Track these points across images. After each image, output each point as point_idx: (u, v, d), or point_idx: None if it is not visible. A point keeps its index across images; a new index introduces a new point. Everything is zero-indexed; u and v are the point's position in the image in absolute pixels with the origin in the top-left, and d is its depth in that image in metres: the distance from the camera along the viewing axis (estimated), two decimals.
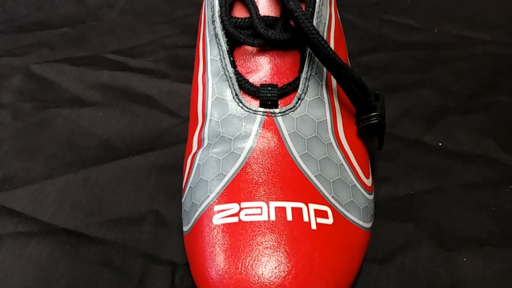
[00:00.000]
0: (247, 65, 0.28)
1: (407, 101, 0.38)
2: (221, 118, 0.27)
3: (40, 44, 0.44)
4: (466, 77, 0.41)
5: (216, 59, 0.28)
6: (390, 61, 0.42)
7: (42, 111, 0.38)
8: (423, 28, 0.46)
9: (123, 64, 0.42)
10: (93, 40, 0.45)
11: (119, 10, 0.48)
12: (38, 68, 0.41)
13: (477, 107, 0.38)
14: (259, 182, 0.24)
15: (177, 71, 0.41)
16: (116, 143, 0.35)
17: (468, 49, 0.44)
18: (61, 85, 0.40)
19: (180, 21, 0.46)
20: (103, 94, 0.39)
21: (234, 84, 0.27)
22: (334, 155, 0.27)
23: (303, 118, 0.27)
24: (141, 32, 0.45)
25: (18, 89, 0.40)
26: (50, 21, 0.47)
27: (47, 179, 0.33)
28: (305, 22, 0.24)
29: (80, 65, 0.41)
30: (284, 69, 0.28)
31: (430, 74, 0.41)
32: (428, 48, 0.44)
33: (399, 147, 0.35)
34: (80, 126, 0.37)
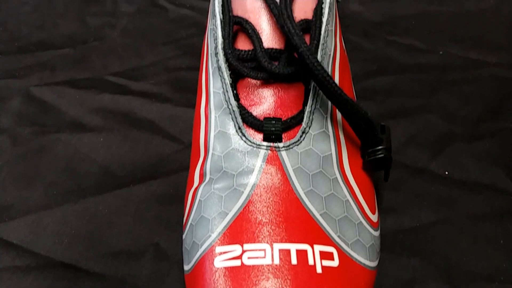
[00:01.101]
0: (250, 97, 0.27)
1: (412, 126, 0.38)
2: (223, 152, 0.26)
3: (40, 66, 0.43)
4: (473, 101, 0.40)
5: (219, 92, 0.27)
6: (395, 85, 0.41)
7: (42, 136, 0.37)
8: (428, 49, 0.45)
9: (125, 87, 0.41)
10: (94, 61, 0.44)
11: (120, 29, 0.47)
12: (38, 90, 0.41)
13: (484, 134, 0.37)
14: (263, 221, 0.24)
15: (179, 94, 0.40)
16: (117, 171, 0.35)
17: (474, 72, 0.43)
18: (61, 109, 0.39)
19: (183, 42, 0.46)
20: (104, 118, 0.38)
21: (237, 117, 0.26)
22: (339, 191, 0.26)
23: (307, 152, 0.26)
24: (143, 53, 0.45)
25: (17, 112, 0.39)
26: (51, 41, 0.46)
27: (46, 209, 0.32)
28: (310, 58, 0.24)
29: (80, 87, 0.41)
30: (288, 101, 0.27)
31: (436, 98, 0.40)
32: (433, 71, 0.43)
33: (405, 176, 0.34)
34: (80, 152, 0.36)
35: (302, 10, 0.28)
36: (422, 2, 0.51)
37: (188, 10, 0.50)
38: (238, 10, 0.28)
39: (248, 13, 0.28)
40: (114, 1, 0.51)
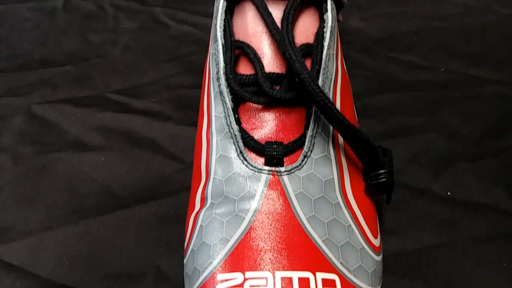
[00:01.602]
0: (252, 121, 0.27)
1: (414, 145, 0.38)
2: (225, 176, 0.26)
3: (42, 83, 0.44)
4: (474, 119, 0.40)
5: (220, 116, 0.27)
6: (397, 103, 0.41)
7: (43, 155, 0.37)
8: (430, 66, 0.45)
9: (126, 105, 0.41)
10: (96, 79, 0.44)
11: (122, 46, 0.47)
12: (40, 108, 0.41)
13: (486, 153, 0.37)
14: (265, 248, 0.24)
15: (181, 113, 0.40)
16: (118, 191, 0.35)
17: (475, 89, 0.43)
18: (62, 127, 0.39)
19: (184, 59, 0.46)
20: (105, 137, 0.38)
21: (238, 141, 0.26)
22: (342, 216, 0.26)
23: (309, 177, 0.26)
24: (144, 71, 0.45)
25: (19, 131, 0.39)
26: (53, 58, 0.46)
27: (47, 230, 0.32)
28: (312, 85, 0.24)
29: (82, 106, 0.41)
30: (289, 125, 0.27)
31: (437, 116, 0.40)
32: (435, 88, 0.43)
33: (407, 197, 0.34)
34: (81, 172, 0.36)
35: (303, 34, 0.28)
36: (423, 18, 0.52)
37: (190, 27, 0.50)
38: (239, 34, 0.28)
39: (249, 37, 0.28)
40: (116, 17, 0.51)
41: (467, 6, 0.53)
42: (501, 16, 0.52)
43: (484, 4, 0.54)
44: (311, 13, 0.29)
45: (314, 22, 0.28)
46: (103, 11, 0.52)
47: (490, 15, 0.52)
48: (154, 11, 0.52)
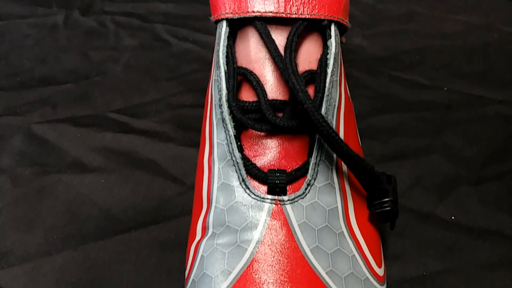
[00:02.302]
0: (254, 148, 0.27)
1: (417, 168, 0.37)
2: (227, 205, 0.26)
3: (42, 102, 0.43)
4: (478, 141, 0.40)
5: (223, 143, 0.27)
6: (400, 123, 0.41)
7: (42, 177, 0.37)
8: (432, 86, 0.45)
9: (127, 125, 0.41)
10: (97, 97, 0.44)
11: (123, 64, 0.47)
12: (40, 128, 0.40)
13: (490, 176, 0.37)
14: (267, 282, 0.23)
15: (182, 133, 0.40)
16: (118, 214, 0.34)
17: (478, 110, 0.43)
18: (62, 148, 0.39)
19: (186, 78, 0.46)
20: (105, 158, 0.38)
21: (241, 169, 0.26)
22: (345, 246, 0.25)
23: (313, 205, 0.25)
24: (145, 89, 0.45)
25: (18, 151, 0.39)
26: (53, 76, 0.46)
27: (45, 255, 0.32)
28: (315, 115, 0.23)
29: (82, 125, 0.41)
30: (292, 152, 0.27)
31: (440, 137, 0.40)
32: (438, 109, 0.43)
33: (411, 221, 0.34)
34: (81, 194, 0.36)
35: (306, 60, 0.28)
36: (426, 36, 0.51)
37: (191, 44, 0.50)
38: (242, 60, 0.28)
39: (252, 63, 0.28)
40: (117, 34, 0.51)
41: (470, 24, 0.53)
42: (503, 34, 0.52)
43: (487, 22, 0.54)
44: (314, 39, 0.28)
45: (318, 48, 0.28)
46: (104, 27, 0.52)
47: (493, 33, 0.52)
48: (155, 28, 0.52)
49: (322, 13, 0.27)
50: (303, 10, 0.27)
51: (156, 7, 0.55)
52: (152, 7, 0.55)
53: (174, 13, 0.54)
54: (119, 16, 0.53)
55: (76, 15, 0.54)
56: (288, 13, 0.26)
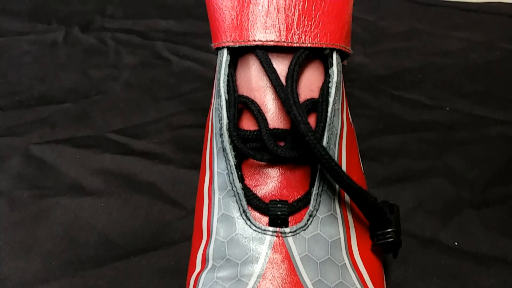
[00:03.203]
0: (255, 177, 0.26)
1: (420, 191, 0.37)
2: (227, 238, 0.25)
3: (41, 122, 0.43)
4: (480, 163, 0.39)
5: (223, 173, 0.26)
6: (402, 145, 0.41)
7: (41, 200, 0.36)
8: (435, 105, 0.45)
9: (126, 147, 0.40)
10: (96, 117, 0.43)
11: (123, 83, 0.47)
12: (38, 149, 0.40)
13: (493, 200, 0.36)
14: None
15: (182, 155, 0.39)
16: (117, 240, 0.34)
17: (481, 131, 0.42)
18: (61, 170, 0.38)
19: (186, 97, 0.45)
20: (104, 181, 0.37)
21: (241, 200, 0.25)
22: (348, 279, 0.25)
23: (315, 237, 0.25)
24: (145, 109, 0.44)
25: (16, 174, 0.38)
26: (52, 95, 0.46)
27: (43, 283, 0.31)
28: (317, 147, 0.23)
29: (81, 146, 0.40)
30: (294, 182, 0.26)
31: (443, 159, 0.39)
32: (440, 129, 0.42)
33: (414, 247, 0.33)
34: (80, 218, 0.35)
35: (308, 88, 0.27)
36: (427, 53, 0.51)
37: (192, 63, 0.49)
38: (243, 88, 0.28)
39: (253, 91, 0.27)
40: (117, 52, 0.51)
41: (472, 41, 0.53)
42: (505, 52, 0.52)
43: (489, 39, 0.53)
44: (316, 66, 0.28)
45: (319, 76, 0.28)
46: (104, 45, 0.52)
47: (495, 51, 0.52)
48: (155, 46, 0.52)
49: (324, 41, 0.27)
50: (305, 38, 0.26)
51: (156, 23, 0.55)
52: (152, 23, 0.55)
53: (175, 30, 0.54)
54: (119, 33, 0.53)
55: (76, 31, 0.54)
56: (289, 42, 0.26)
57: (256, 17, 0.26)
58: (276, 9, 0.26)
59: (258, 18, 0.26)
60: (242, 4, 0.26)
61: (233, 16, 0.27)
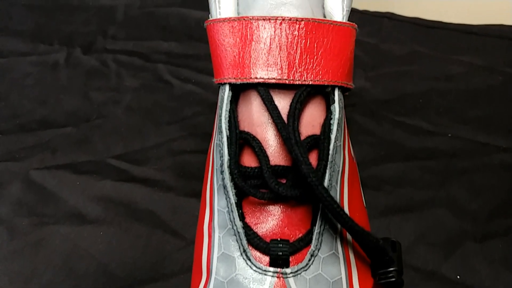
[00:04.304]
0: (256, 215, 0.26)
1: (422, 223, 0.37)
2: (227, 278, 0.25)
3: (41, 146, 0.43)
4: (483, 193, 0.39)
5: (223, 210, 0.26)
6: (404, 173, 0.40)
7: (40, 228, 0.36)
8: (437, 132, 0.45)
9: (127, 173, 0.40)
10: (97, 142, 0.43)
11: (124, 106, 0.47)
12: (38, 175, 0.40)
13: (496, 232, 0.36)
14: None
15: (183, 182, 0.39)
16: (116, 271, 0.33)
17: (483, 159, 0.42)
18: (61, 196, 0.38)
19: (188, 121, 0.45)
20: (104, 208, 0.37)
21: (242, 239, 0.25)
22: None
23: (316, 278, 0.25)
24: (147, 133, 0.44)
25: (16, 200, 0.38)
26: (54, 118, 0.46)
27: None
28: (319, 189, 0.23)
29: (82, 173, 0.40)
30: (296, 220, 0.26)
31: (445, 189, 0.39)
32: (442, 157, 0.42)
33: (416, 280, 0.33)
34: (79, 247, 0.35)
35: (309, 124, 0.27)
36: (429, 78, 0.51)
37: (194, 86, 0.49)
38: (244, 123, 0.28)
39: (254, 126, 0.27)
40: (119, 74, 0.51)
41: (473, 66, 0.53)
42: (507, 76, 0.52)
43: (490, 63, 0.53)
44: (317, 102, 0.28)
45: (321, 112, 0.28)
46: (106, 67, 0.52)
47: (497, 75, 0.52)
48: (157, 68, 0.52)
49: (326, 78, 0.27)
50: (307, 76, 0.26)
51: (158, 45, 0.55)
52: (154, 45, 0.55)
53: (177, 52, 0.54)
54: (121, 55, 0.53)
55: (77, 53, 0.54)
56: (291, 79, 0.26)
57: (258, 54, 0.26)
58: (278, 47, 0.26)
59: (260, 55, 0.26)
60: (244, 42, 0.26)
61: (235, 53, 0.27)
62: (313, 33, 0.26)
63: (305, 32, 0.26)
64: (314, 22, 0.26)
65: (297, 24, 0.26)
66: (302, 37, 0.26)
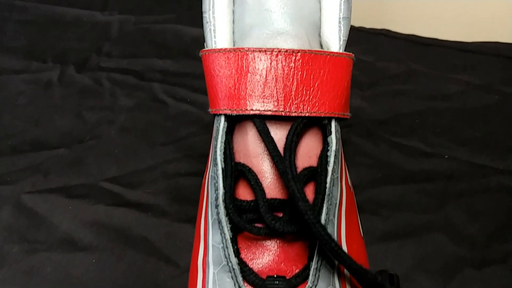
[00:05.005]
0: (252, 250, 0.26)
1: (420, 248, 0.36)
2: None
3: (33, 169, 0.42)
4: (481, 217, 0.38)
5: (218, 246, 0.25)
6: (401, 196, 0.40)
7: (31, 255, 0.35)
8: (434, 153, 0.44)
9: (120, 197, 0.39)
10: (90, 164, 0.43)
11: (119, 127, 0.46)
12: (30, 199, 0.39)
13: (494, 258, 0.36)
14: None
15: (177, 207, 0.39)
16: None
17: (481, 181, 0.41)
18: (53, 222, 0.38)
19: (183, 142, 0.45)
20: (97, 234, 0.37)
21: (237, 276, 0.25)
22: None
23: None
24: (141, 155, 0.43)
25: (7, 226, 0.37)
26: (46, 139, 0.45)
27: None
28: (317, 227, 0.22)
29: (74, 196, 0.39)
30: (292, 255, 0.25)
31: (443, 213, 0.39)
32: (440, 180, 0.42)
33: None
34: (71, 276, 0.34)
35: (306, 155, 0.27)
36: (426, 97, 0.51)
37: (189, 106, 0.49)
38: (240, 154, 0.27)
39: (250, 158, 0.27)
40: (113, 93, 0.50)
41: (470, 84, 0.52)
42: (504, 95, 0.51)
43: (487, 82, 0.53)
44: (314, 133, 0.27)
45: (317, 143, 0.27)
46: (100, 85, 0.51)
47: (493, 95, 0.51)
48: (152, 87, 0.51)
49: (322, 110, 0.26)
50: (303, 108, 0.26)
51: (153, 63, 0.55)
52: (149, 63, 0.55)
53: (172, 71, 0.54)
54: (115, 73, 0.53)
55: (71, 71, 0.53)
56: (287, 111, 0.26)
57: (254, 86, 0.26)
58: (274, 78, 0.26)
59: (256, 87, 0.26)
60: (240, 73, 0.26)
61: (230, 84, 0.26)
62: (309, 64, 0.26)
63: (302, 64, 0.25)
64: (311, 54, 0.26)
65: (293, 56, 0.25)
66: (299, 69, 0.25)
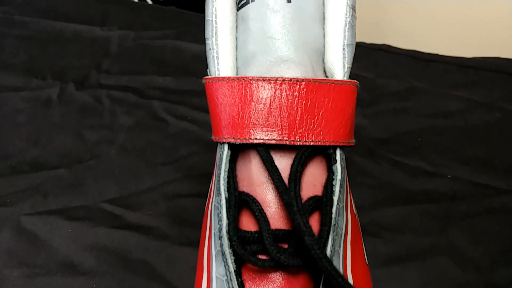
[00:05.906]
0: (256, 282, 0.25)
1: (424, 273, 0.36)
2: None
3: (33, 190, 0.42)
4: (485, 239, 0.38)
5: (222, 279, 0.25)
6: (404, 218, 0.40)
7: (30, 280, 0.35)
8: (436, 172, 0.44)
9: (121, 219, 0.39)
10: (90, 185, 0.42)
11: (118, 146, 0.46)
12: (29, 221, 0.39)
13: (500, 283, 0.35)
14: None
15: (177, 229, 0.38)
16: None
17: (484, 202, 0.41)
18: (52, 245, 0.37)
19: (183, 162, 0.44)
20: (97, 258, 0.36)
21: None
22: None
23: None
24: (141, 175, 0.43)
25: (6, 249, 0.37)
26: (46, 159, 0.45)
27: None
28: (323, 261, 0.22)
29: (74, 219, 0.39)
30: (297, 287, 0.25)
31: (446, 235, 0.38)
32: (442, 201, 0.41)
33: None
34: None
35: (311, 184, 0.27)
36: (427, 115, 0.51)
37: (189, 124, 0.48)
38: (244, 182, 0.27)
39: (254, 186, 0.26)
40: (112, 112, 0.50)
41: (471, 102, 0.52)
42: (505, 112, 0.51)
43: (488, 99, 0.53)
44: (318, 161, 0.27)
45: (322, 172, 0.27)
46: (100, 103, 0.51)
47: (495, 112, 0.51)
48: (152, 105, 0.51)
49: (327, 139, 0.26)
50: (308, 137, 0.25)
51: (153, 80, 0.54)
52: (149, 80, 0.54)
53: (172, 88, 0.53)
54: (115, 91, 0.52)
55: (71, 88, 0.53)
56: (292, 140, 0.25)
57: (258, 115, 0.25)
58: (278, 107, 0.25)
59: (260, 116, 0.25)
60: (243, 102, 0.26)
61: (234, 113, 0.26)
62: (314, 93, 0.25)
63: (306, 93, 0.25)
64: (315, 82, 0.25)
65: (297, 85, 0.25)
66: (303, 98, 0.25)
